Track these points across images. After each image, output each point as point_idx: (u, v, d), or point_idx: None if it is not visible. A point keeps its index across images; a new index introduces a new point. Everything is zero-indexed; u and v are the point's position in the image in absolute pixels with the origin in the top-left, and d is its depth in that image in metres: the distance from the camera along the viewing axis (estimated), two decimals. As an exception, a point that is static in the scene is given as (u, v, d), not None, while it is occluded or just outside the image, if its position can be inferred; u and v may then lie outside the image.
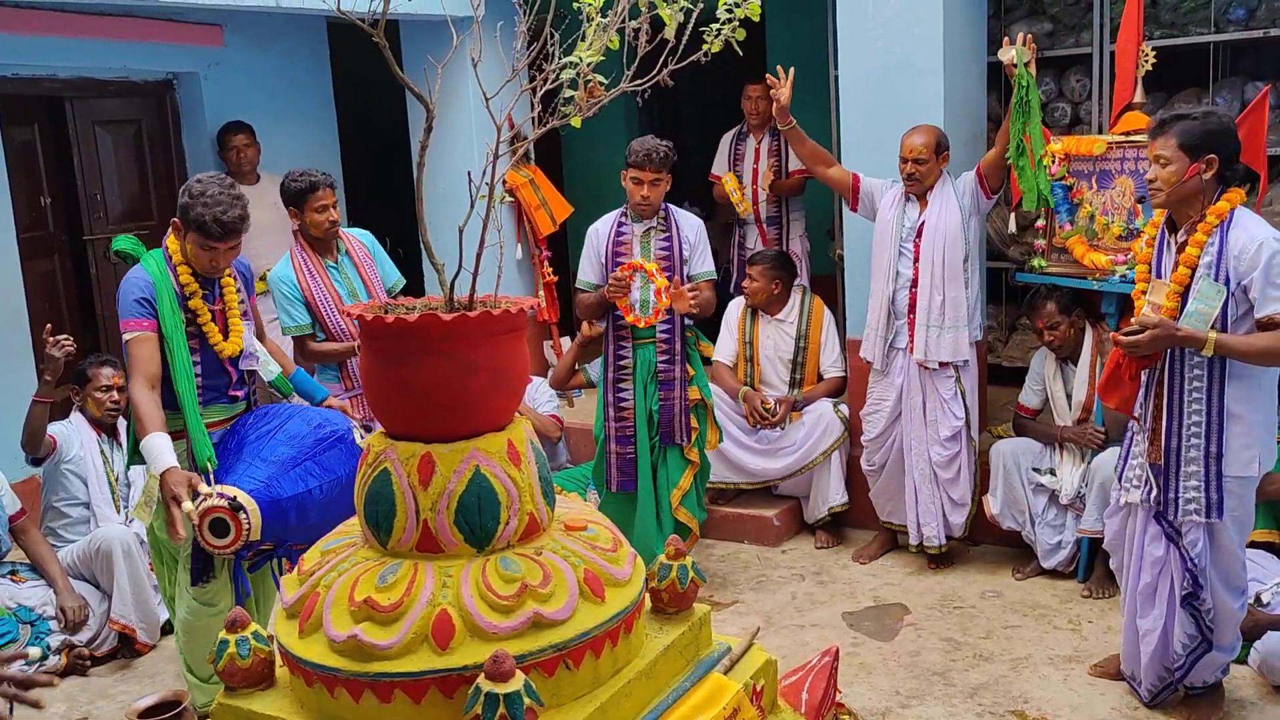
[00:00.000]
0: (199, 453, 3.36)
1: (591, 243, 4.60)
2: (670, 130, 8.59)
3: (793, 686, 2.98)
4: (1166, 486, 3.37)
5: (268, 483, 3.25)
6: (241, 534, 3.13)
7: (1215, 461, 3.28)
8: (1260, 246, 3.11)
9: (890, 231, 4.67)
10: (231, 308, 3.56)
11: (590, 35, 2.30)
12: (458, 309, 2.29)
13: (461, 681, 2.12)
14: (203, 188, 3.33)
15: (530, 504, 2.34)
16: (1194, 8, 5.22)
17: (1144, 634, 3.54)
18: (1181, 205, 3.27)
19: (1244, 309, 3.19)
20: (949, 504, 4.79)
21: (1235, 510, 3.33)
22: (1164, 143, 3.22)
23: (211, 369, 3.51)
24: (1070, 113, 5.63)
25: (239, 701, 2.34)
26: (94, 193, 6.06)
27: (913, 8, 4.79)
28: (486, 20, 2.44)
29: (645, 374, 4.54)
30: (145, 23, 5.67)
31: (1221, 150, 3.19)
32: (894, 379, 4.80)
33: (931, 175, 4.57)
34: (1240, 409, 3.25)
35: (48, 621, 4.30)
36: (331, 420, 3.53)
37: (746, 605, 4.66)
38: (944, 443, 4.72)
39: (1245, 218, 3.21)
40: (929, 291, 4.60)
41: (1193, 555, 3.36)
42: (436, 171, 5.99)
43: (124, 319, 3.37)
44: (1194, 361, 3.25)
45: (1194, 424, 3.29)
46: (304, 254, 4.32)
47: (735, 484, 5.37)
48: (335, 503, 3.33)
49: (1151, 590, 3.49)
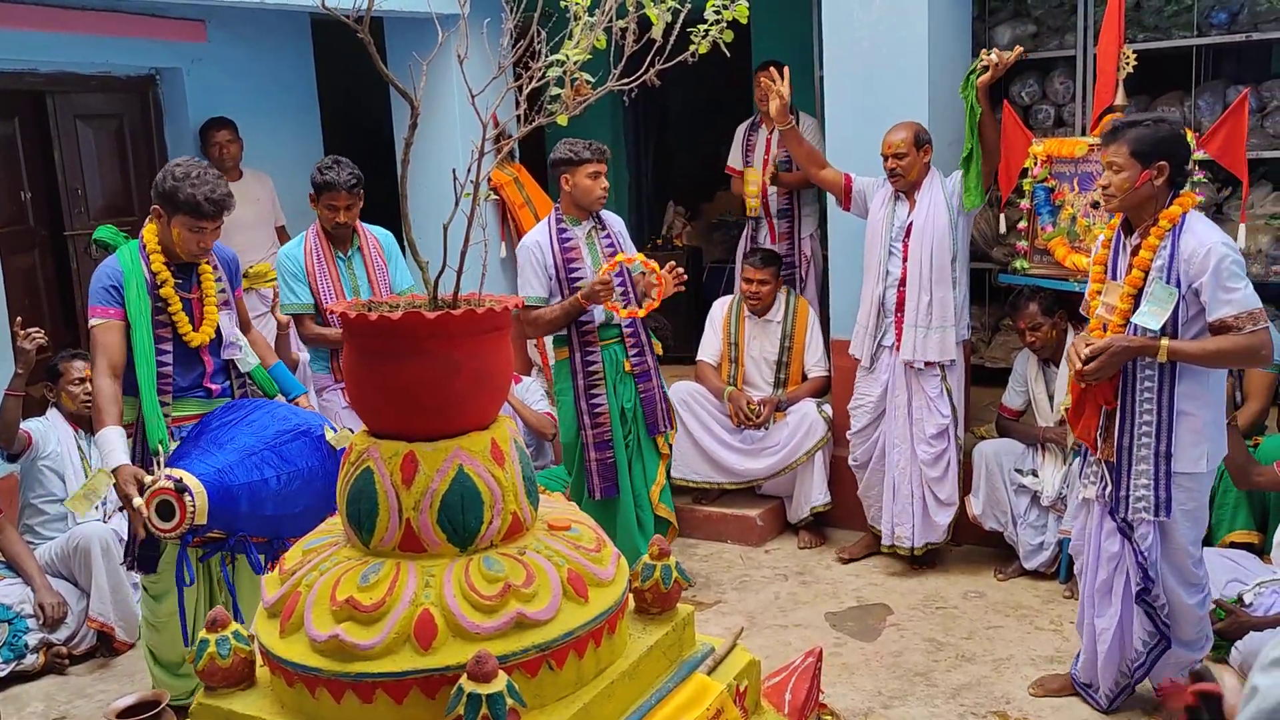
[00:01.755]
0: (151, 435, 3.36)
1: (535, 257, 4.43)
2: (656, 129, 8.61)
3: (776, 687, 2.98)
4: (1119, 484, 3.44)
5: (220, 469, 3.19)
6: (186, 517, 3.07)
7: (1165, 461, 3.34)
8: (1209, 252, 3.19)
9: (880, 230, 4.69)
10: (208, 296, 3.55)
11: (577, 34, 2.29)
12: (442, 307, 2.28)
13: (444, 682, 2.11)
14: (185, 170, 3.36)
15: (514, 503, 2.33)
16: (1177, 11, 5.25)
17: (1100, 633, 3.58)
18: (1135, 210, 3.33)
19: (1194, 311, 3.26)
20: (935, 504, 4.79)
21: (1186, 505, 3.39)
22: (1116, 149, 3.28)
23: (184, 359, 3.50)
24: (1054, 115, 5.65)
25: (219, 701, 2.32)
26: (75, 188, 6.01)
27: (897, 9, 4.80)
28: (472, 17, 2.43)
29: (613, 373, 4.51)
30: (127, 17, 5.63)
31: (1172, 157, 3.25)
32: (879, 375, 4.81)
33: (914, 169, 4.58)
34: (1190, 407, 3.31)
35: (25, 619, 4.27)
36: (301, 415, 3.50)
37: (730, 605, 4.66)
38: (930, 440, 4.73)
39: (1196, 222, 3.28)
40: (917, 291, 4.61)
41: (1143, 549, 3.42)
42: (421, 169, 5.95)
43: (91, 306, 3.41)
44: (1146, 362, 3.32)
45: (1145, 423, 3.35)
46: (318, 239, 4.46)
47: (719, 484, 5.37)
48: (295, 496, 3.30)
49: (1108, 588, 3.54)
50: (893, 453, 4.81)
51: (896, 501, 4.83)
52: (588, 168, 4.38)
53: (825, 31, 5.04)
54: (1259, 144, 5.16)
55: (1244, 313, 3.17)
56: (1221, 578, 3.99)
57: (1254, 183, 5.45)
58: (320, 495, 3.35)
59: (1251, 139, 5.08)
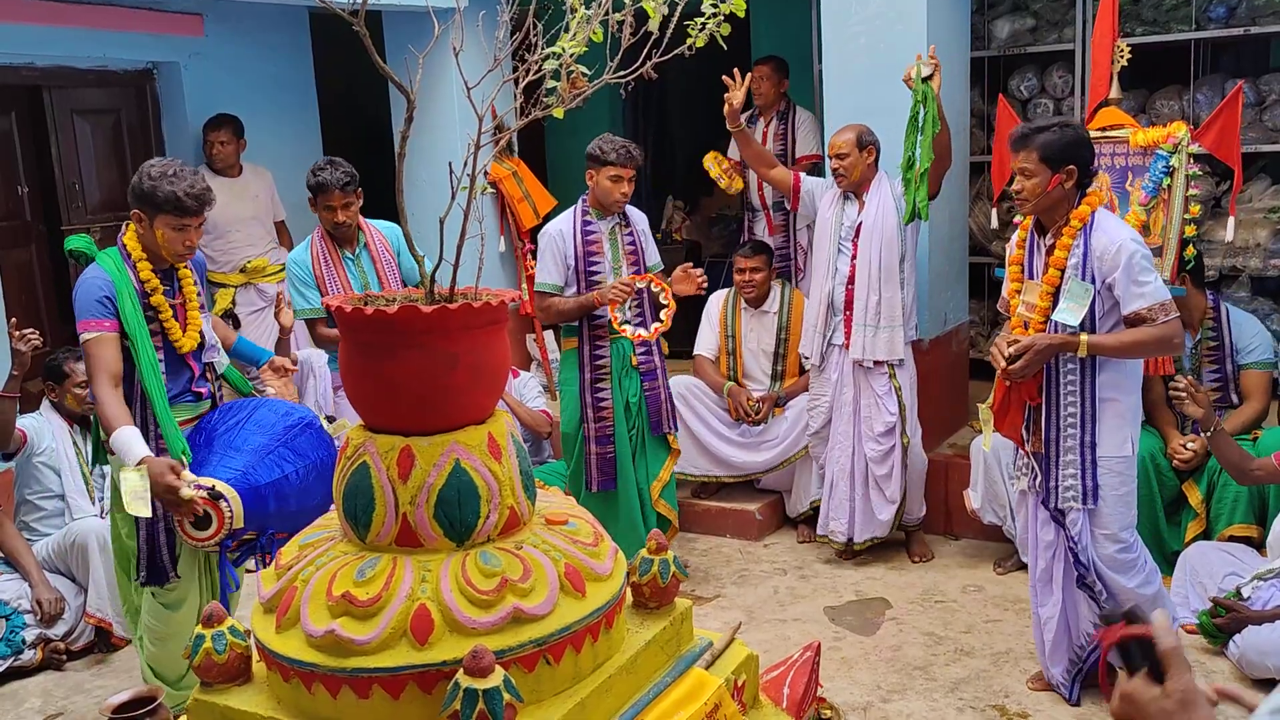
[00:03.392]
0: (172, 448, 3.32)
1: (556, 245, 4.45)
2: (655, 122, 8.60)
3: (774, 681, 2.98)
4: (1048, 474, 3.54)
5: (244, 470, 3.22)
6: (225, 523, 3.11)
7: (1090, 450, 3.46)
8: (1119, 248, 3.32)
9: (829, 230, 4.76)
10: (190, 300, 3.52)
11: (574, 27, 2.28)
12: (438, 301, 2.27)
13: (440, 677, 2.10)
14: (161, 168, 3.30)
15: (510, 498, 2.32)
16: (1175, 5, 5.25)
17: (1045, 621, 3.68)
18: (1047, 212, 3.45)
19: (1110, 304, 3.39)
20: (880, 501, 4.81)
21: (1118, 489, 3.49)
22: (1026, 155, 3.39)
23: (174, 365, 3.46)
24: (1053, 109, 5.65)
25: (215, 697, 2.31)
26: (72, 183, 6.00)
27: (896, 4, 4.80)
28: (469, 10, 2.42)
29: (620, 367, 4.51)
30: (125, 12, 5.62)
31: (1079, 160, 3.38)
32: (829, 374, 4.84)
33: (856, 170, 4.62)
34: (1112, 394, 3.44)
35: (23, 615, 4.26)
36: (297, 409, 3.52)
37: (728, 599, 4.66)
38: (878, 438, 4.76)
39: (1105, 220, 3.42)
40: (865, 291, 4.66)
41: (1073, 535, 3.52)
42: (420, 163, 5.97)
43: (83, 319, 3.30)
44: (1067, 356, 3.43)
45: (1070, 414, 3.47)
46: (323, 241, 4.43)
47: (717, 477, 5.37)
48: (312, 488, 3.32)
49: (1049, 575, 3.65)
50: (834, 449, 4.85)
51: (833, 496, 4.87)
52: (610, 170, 4.40)
53: (824, 26, 5.03)
54: (1257, 138, 5.15)
55: (1156, 304, 3.31)
56: (1219, 571, 4.00)
57: (1252, 176, 5.45)
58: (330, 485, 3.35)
59: (1250, 133, 5.08)
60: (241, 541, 3.32)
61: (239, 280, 6.11)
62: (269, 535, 3.35)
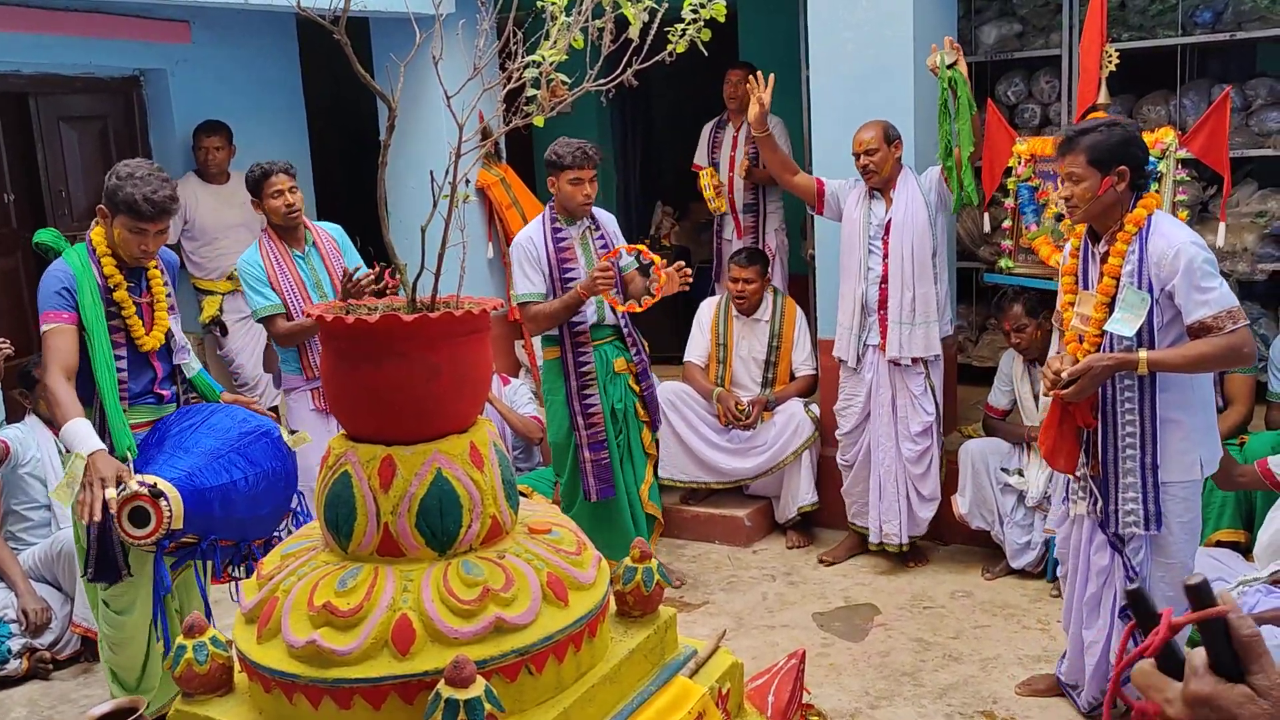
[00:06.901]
0: (118, 442, 3.29)
1: (528, 254, 4.39)
2: (642, 127, 8.60)
3: (759, 689, 2.98)
4: (1107, 499, 3.35)
5: (190, 472, 3.16)
6: (163, 522, 3.03)
7: (1152, 473, 3.25)
8: (1178, 253, 3.09)
9: (858, 229, 4.70)
10: (158, 300, 3.51)
11: (554, 34, 2.27)
12: (419, 310, 2.26)
13: (422, 687, 2.09)
14: (130, 169, 3.29)
15: (493, 507, 2.31)
16: (1162, 10, 5.26)
17: (1089, 645, 3.53)
18: (1099, 218, 3.25)
19: (1170, 315, 3.17)
20: (917, 500, 4.80)
21: (1182, 517, 3.30)
22: (1073, 159, 3.19)
23: (136, 364, 3.45)
24: (1040, 114, 5.65)
25: (196, 708, 2.30)
26: (58, 190, 5.97)
27: (883, 9, 4.80)
28: (451, 19, 2.42)
29: (604, 373, 4.49)
30: (111, 19, 5.60)
31: (1131, 160, 3.15)
32: (864, 375, 4.82)
33: (886, 165, 4.58)
34: (1176, 414, 3.22)
35: (9, 625, 4.24)
36: (258, 417, 3.48)
37: (717, 606, 4.65)
38: (915, 438, 4.74)
39: (1163, 222, 3.19)
40: (899, 288, 4.62)
41: (1134, 564, 3.34)
42: (405, 170, 5.96)
43: (43, 311, 3.31)
44: (1125, 374, 3.22)
45: (1129, 435, 3.26)
46: (271, 242, 4.37)
47: (706, 483, 5.36)
48: (262, 497, 3.27)
49: (1096, 601, 3.48)
50: (878, 452, 4.81)
51: (883, 500, 4.83)
52: (569, 174, 4.33)
53: (811, 32, 5.03)
54: (1244, 142, 5.16)
55: (1222, 311, 3.06)
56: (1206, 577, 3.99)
57: (1239, 181, 5.46)
58: (284, 496, 3.32)
59: (1236, 137, 5.09)
60: (180, 544, 3.24)
61: (227, 287, 6.09)
62: (210, 540, 3.26)
